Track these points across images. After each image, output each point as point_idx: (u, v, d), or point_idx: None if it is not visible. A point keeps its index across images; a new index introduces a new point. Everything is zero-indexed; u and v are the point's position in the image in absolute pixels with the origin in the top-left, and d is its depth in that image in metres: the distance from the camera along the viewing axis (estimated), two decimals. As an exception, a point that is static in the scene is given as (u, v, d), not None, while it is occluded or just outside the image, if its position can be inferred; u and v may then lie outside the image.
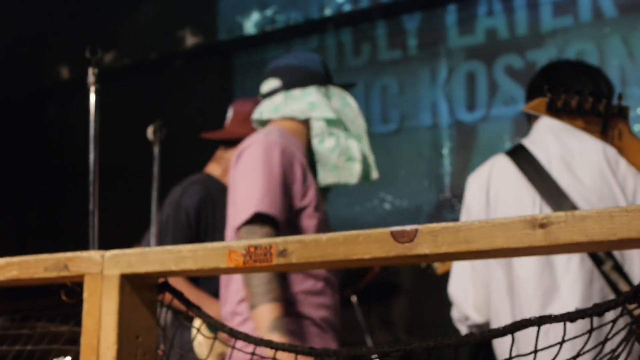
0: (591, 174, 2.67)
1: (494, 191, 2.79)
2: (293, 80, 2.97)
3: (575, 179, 2.68)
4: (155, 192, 3.15)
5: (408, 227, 1.32)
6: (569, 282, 2.60)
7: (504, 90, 5.38)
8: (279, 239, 1.40)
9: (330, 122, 2.90)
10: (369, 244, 1.33)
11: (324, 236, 1.36)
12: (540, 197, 2.68)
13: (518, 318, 2.59)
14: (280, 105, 2.94)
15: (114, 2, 6.55)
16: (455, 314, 2.94)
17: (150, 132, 3.12)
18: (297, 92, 2.95)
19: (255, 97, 3.85)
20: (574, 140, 2.70)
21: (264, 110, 3.00)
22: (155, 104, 6.19)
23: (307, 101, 2.92)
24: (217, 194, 3.58)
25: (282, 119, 2.95)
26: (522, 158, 2.77)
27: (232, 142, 3.71)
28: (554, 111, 1.96)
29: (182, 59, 6.56)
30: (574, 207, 2.59)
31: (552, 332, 2.05)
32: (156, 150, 3.08)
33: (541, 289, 2.62)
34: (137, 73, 6.73)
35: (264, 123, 3.03)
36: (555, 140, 2.73)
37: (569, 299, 2.59)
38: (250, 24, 6.20)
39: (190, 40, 6.42)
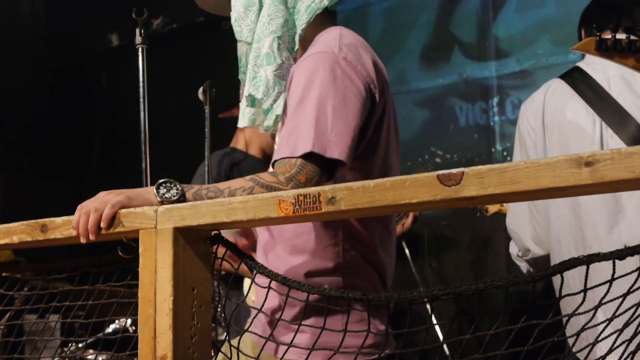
0: None
1: (550, 116, 2.65)
2: None
3: (638, 97, 2.53)
4: (208, 152, 3.18)
5: (454, 170, 1.33)
6: (635, 204, 2.48)
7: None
8: (327, 187, 1.42)
9: None
10: (416, 189, 1.34)
11: (372, 182, 1.38)
12: (600, 118, 2.54)
13: (581, 245, 2.53)
14: None
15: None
16: (513, 249, 2.86)
17: (200, 92, 3.14)
18: None
19: None
20: None
21: None
22: (204, 67, 6.22)
23: None
24: (243, 162, 3.63)
25: None
26: (578, 80, 2.62)
27: None
28: (604, 50, 1.91)
29: (229, 22, 6.57)
30: (638, 127, 2.48)
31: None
32: (207, 110, 3.11)
33: (606, 210, 2.50)
34: (185, 37, 6.77)
35: None
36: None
37: (635, 221, 2.48)
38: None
39: (237, 2, 6.42)
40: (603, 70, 2.60)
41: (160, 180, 1.80)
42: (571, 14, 3.79)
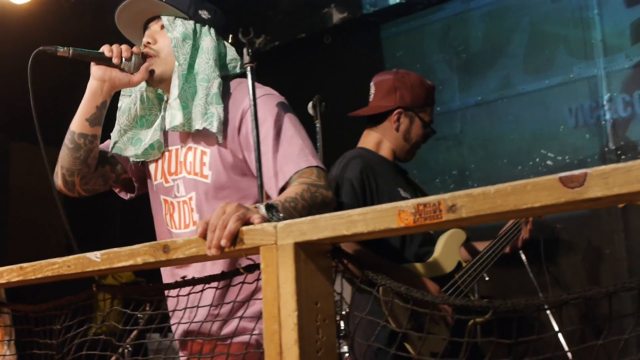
0: None
1: None
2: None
3: None
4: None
5: (577, 172, 1.30)
6: None
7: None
8: (447, 195, 1.41)
9: None
10: (538, 192, 1.32)
11: (492, 188, 1.36)
12: None
13: None
14: None
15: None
16: None
17: (310, 107, 3.17)
18: None
19: (396, 69, 3.85)
20: None
21: None
22: (308, 82, 6.29)
23: None
24: (375, 163, 3.61)
25: None
26: None
27: (378, 117, 3.75)
28: None
29: (330, 36, 6.62)
30: None
31: None
32: (318, 124, 3.13)
33: None
34: (288, 54, 6.85)
35: None
36: None
37: None
38: (394, -6, 6.19)
39: (337, 16, 6.46)
40: None
41: (266, 204, 2.01)
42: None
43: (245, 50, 2.45)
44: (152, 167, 2.75)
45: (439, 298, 1.47)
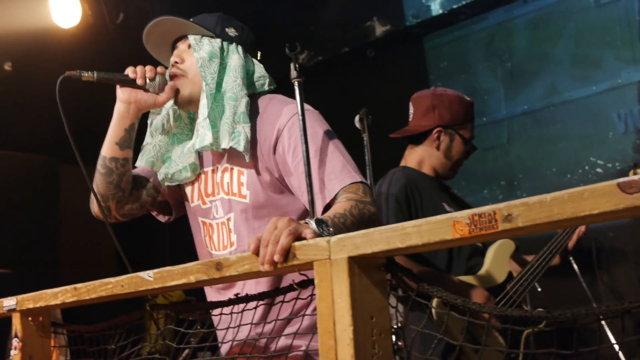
0: None
1: None
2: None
3: None
4: (371, 179, 3.17)
5: (635, 177, 1.27)
6: None
7: None
8: (502, 205, 1.39)
9: None
10: (596, 199, 1.29)
11: (548, 196, 1.34)
12: None
13: None
14: None
15: (301, 3, 6.70)
16: None
17: (357, 120, 3.15)
18: None
19: (434, 86, 3.84)
20: None
21: None
22: (353, 96, 6.28)
23: None
24: (418, 179, 3.61)
25: None
26: None
27: (419, 136, 3.75)
28: None
29: (373, 49, 6.61)
30: None
31: None
32: (365, 137, 3.10)
33: None
34: (332, 68, 6.85)
35: None
36: None
37: None
38: (436, 5, 6.16)
39: (379, 29, 6.46)
40: None
41: (316, 219, 2.01)
42: None
43: (292, 65, 2.45)
44: (188, 189, 2.74)
45: (496, 309, 1.45)
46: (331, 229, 1.99)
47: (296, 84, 2.42)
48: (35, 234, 6.60)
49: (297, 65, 2.42)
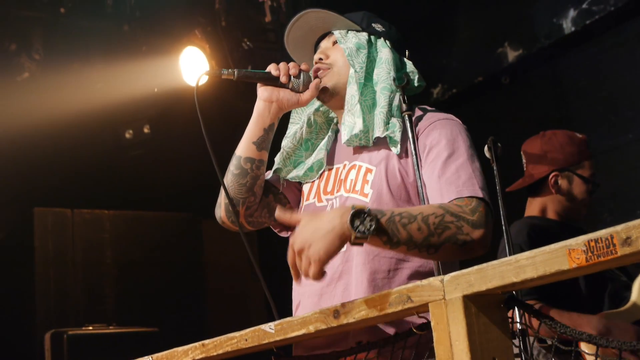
0: None
1: None
2: None
3: None
4: (502, 209, 3.03)
5: None
6: None
7: None
8: (619, 227, 1.26)
9: None
10: None
11: (670, 214, 1.20)
12: None
13: None
14: None
15: (429, 39, 6.64)
16: None
17: (486, 150, 3.02)
18: None
19: (543, 131, 3.69)
20: None
21: None
22: (490, 126, 6.13)
23: None
24: (543, 226, 3.55)
25: None
26: None
27: (536, 185, 3.66)
28: None
29: (507, 76, 6.45)
30: None
31: None
32: (495, 167, 2.97)
33: None
34: (467, 100, 6.73)
35: None
36: None
37: None
38: (568, 22, 5.95)
39: (512, 54, 6.29)
40: None
41: (353, 211, 1.91)
42: None
43: (400, 98, 2.37)
44: (306, 187, 2.60)
45: (624, 344, 1.31)
46: (371, 224, 1.91)
47: (406, 117, 2.33)
48: (182, 289, 6.78)
49: (404, 98, 2.35)
